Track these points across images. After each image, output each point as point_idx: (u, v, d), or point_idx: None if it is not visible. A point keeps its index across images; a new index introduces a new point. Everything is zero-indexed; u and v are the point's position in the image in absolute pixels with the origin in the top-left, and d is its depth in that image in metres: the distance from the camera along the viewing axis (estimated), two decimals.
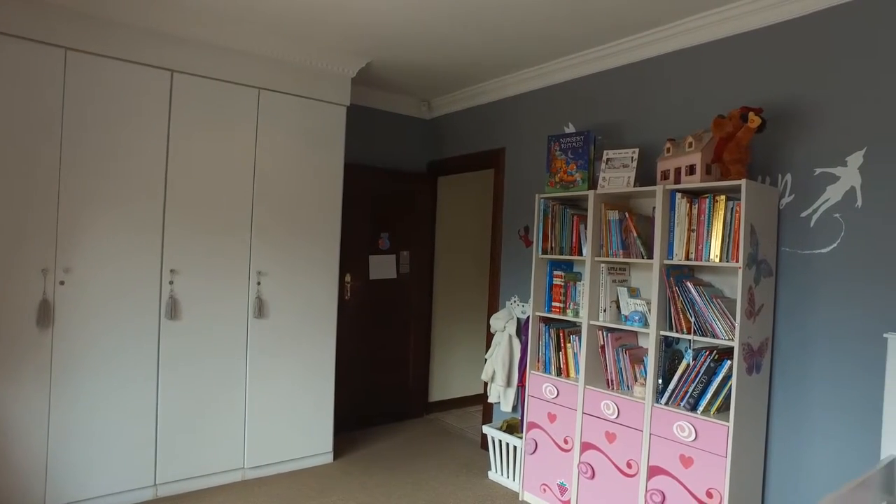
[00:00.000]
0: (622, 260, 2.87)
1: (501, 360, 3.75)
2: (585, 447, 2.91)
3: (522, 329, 3.72)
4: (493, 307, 4.07)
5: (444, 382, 5.05)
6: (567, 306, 3.14)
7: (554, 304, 3.19)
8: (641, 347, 2.94)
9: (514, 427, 3.66)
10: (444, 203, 4.94)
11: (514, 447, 3.42)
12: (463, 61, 3.63)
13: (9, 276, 2.66)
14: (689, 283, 2.52)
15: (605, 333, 2.91)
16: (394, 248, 4.60)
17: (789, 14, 2.51)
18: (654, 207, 2.69)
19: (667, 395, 2.57)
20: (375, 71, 3.86)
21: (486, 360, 3.93)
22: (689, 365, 2.51)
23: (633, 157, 2.88)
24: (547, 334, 3.20)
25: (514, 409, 3.79)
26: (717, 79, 2.80)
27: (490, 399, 3.91)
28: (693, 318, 2.50)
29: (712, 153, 2.48)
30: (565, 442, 3.02)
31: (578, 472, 2.93)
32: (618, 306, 2.94)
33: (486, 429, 3.67)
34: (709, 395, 2.44)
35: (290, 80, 3.44)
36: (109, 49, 2.86)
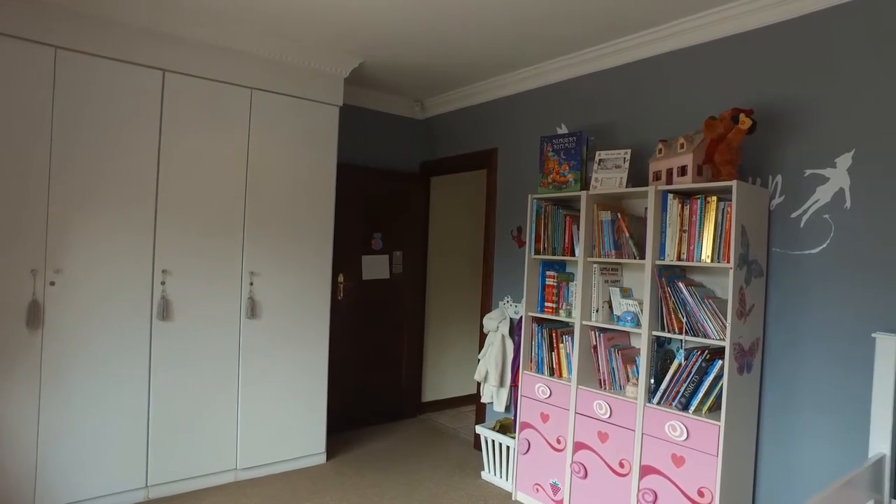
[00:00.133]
0: (614, 260, 2.88)
1: (494, 361, 3.75)
2: (578, 447, 2.92)
3: (515, 329, 3.72)
4: (486, 307, 4.08)
5: (437, 383, 5.05)
6: (560, 306, 3.15)
7: (546, 304, 3.20)
8: (633, 347, 2.95)
9: (507, 427, 3.67)
10: (437, 203, 4.94)
11: (507, 447, 3.43)
12: (456, 61, 3.63)
13: None
14: (680, 284, 2.54)
15: (597, 333, 2.92)
16: (387, 249, 4.59)
17: (780, 16, 2.53)
18: (646, 208, 2.71)
19: (659, 394, 2.59)
20: (368, 71, 3.85)
21: (479, 360, 3.94)
22: (680, 365, 2.53)
23: (625, 158, 2.89)
24: (540, 334, 3.21)
25: (507, 409, 3.80)
26: (709, 80, 2.82)
27: (483, 399, 3.92)
28: (685, 319, 2.51)
29: (704, 154, 2.50)
30: (558, 442, 3.03)
31: (571, 471, 2.94)
32: (610, 306, 2.95)
33: (479, 429, 3.68)
34: (700, 394, 2.45)
35: (282, 79, 3.43)
36: (100, 48, 2.84)
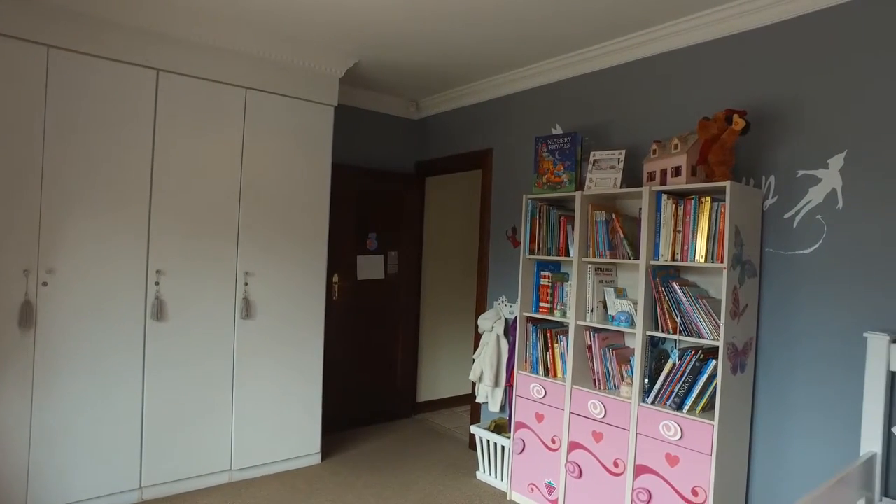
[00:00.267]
0: (609, 261, 2.89)
1: (489, 361, 3.76)
2: (573, 447, 2.93)
3: (510, 329, 3.73)
4: (481, 307, 4.08)
5: (432, 383, 5.05)
6: (554, 307, 3.16)
7: (541, 304, 3.20)
8: (628, 347, 2.96)
9: (501, 427, 3.67)
10: (432, 203, 4.94)
11: (502, 447, 3.43)
12: (451, 62, 3.63)
13: None
14: (674, 284, 2.55)
15: (592, 333, 2.93)
16: (382, 249, 4.59)
17: (775, 18, 2.54)
18: (640, 208, 2.72)
19: (653, 394, 2.60)
20: (363, 71, 3.85)
21: (473, 360, 3.94)
22: (674, 365, 2.54)
23: (619, 159, 2.90)
24: (534, 334, 3.21)
25: (502, 409, 3.80)
26: (703, 81, 2.83)
27: (478, 399, 3.92)
28: (679, 319, 2.52)
29: (698, 155, 2.51)
30: (553, 441, 3.04)
31: (566, 471, 2.95)
32: (605, 307, 2.96)
33: (474, 429, 3.68)
34: (694, 394, 2.46)
35: (277, 79, 3.42)
36: (93, 47, 2.82)
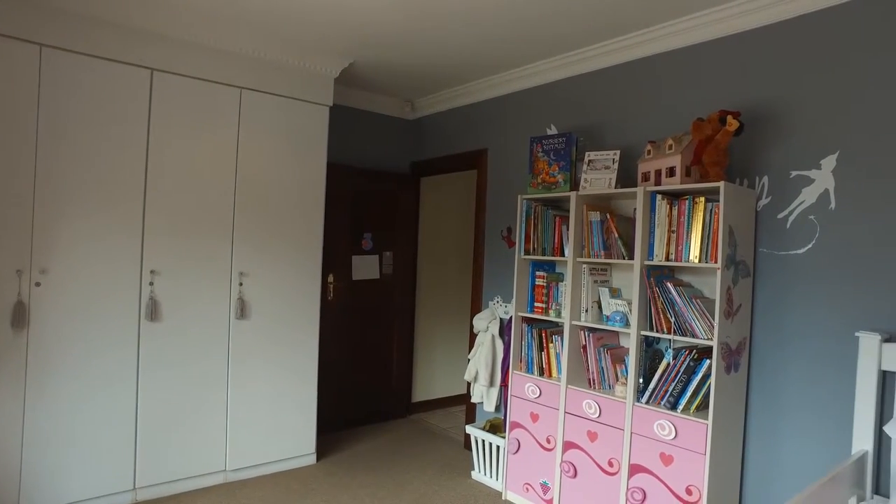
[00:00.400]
0: (604, 261, 2.90)
1: (484, 361, 3.76)
2: (568, 446, 2.93)
3: (505, 329, 3.73)
4: (476, 307, 4.09)
5: (427, 383, 5.05)
6: (549, 307, 3.16)
7: (536, 304, 3.21)
8: (623, 347, 2.97)
9: (497, 427, 3.68)
10: (426, 204, 4.94)
11: (497, 447, 3.44)
12: (446, 62, 3.64)
13: None
14: (669, 284, 2.56)
15: (586, 333, 2.94)
16: (377, 249, 4.59)
17: (768, 19, 2.56)
18: (634, 209, 2.73)
19: (647, 394, 2.61)
20: (358, 71, 3.85)
21: (469, 360, 3.94)
22: (669, 364, 2.55)
23: (614, 159, 2.91)
24: (529, 334, 3.22)
25: (497, 408, 3.81)
26: (697, 82, 2.84)
27: (473, 399, 3.92)
28: (673, 318, 2.53)
29: (692, 155, 2.52)
30: (548, 441, 3.04)
31: (561, 471, 2.95)
32: (599, 306, 2.97)
33: (469, 429, 3.69)
34: (688, 393, 2.48)
35: (272, 79, 3.42)
36: (86, 46, 2.81)
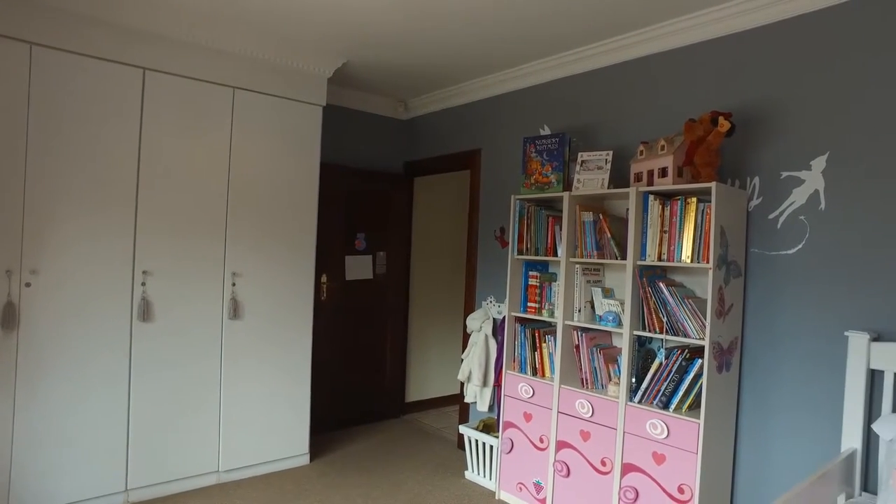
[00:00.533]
0: (596, 261, 2.91)
1: (478, 360, 3.77)
2: (561, 446, 2.94)
3: (498, 329, 3.74)
4: (470, 307, 4.09)
5: (420, 383, 5.06)
6: (542, 307, 3.17)
7: (529, 304, 3.22)
8: (615, 347, 2.99)
9: (490, 427, 3.68)
10: (420, 204, 4.95)
11: (491, 447, 3.44)
12: (440, 62, 3.64)
13: None
14: (661, 284, 2.57)
15: (579, 333, 2.95)
16: (370, 249, 4.58)
17: (761, 21, 2.57)
18: (627, 209, 2.74)
19: (640, 393, 2.62)
20: (352, 71, 3.84)
21: (462, 360, 3.95)
22: (661, 364, 2.56)
23: (606, 160, 2.92)
24: (523, 334, 3.23)
25: (491, 408, 3.82)
26: (689, 83, 2.86)
27: (466, 399, 3.93)
28: (665, 318, 2.55)
29: (684, 156, 2.54)
30: (541, 441, 3.05)
31: (554, 470, 2.96)
32: (592, 306, 2.98)
33: (462, 429, 3.69)
34: (680, 393, 2.49)
35: (265, 79, 3.41)
36: (78, 45, 2.79)
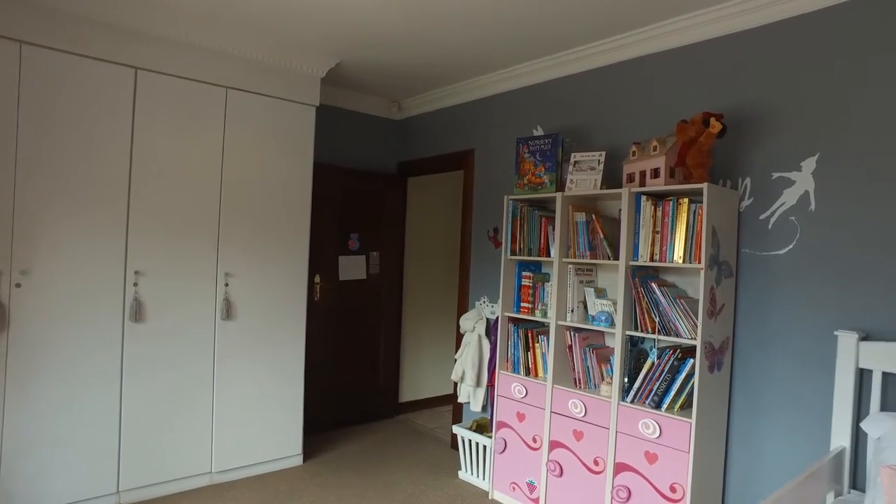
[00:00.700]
0: (589, 261, 2.92)
1: (471, 361, 3.77)
2: (554, 445, 2.95)
3: (492, 329, 3.75)
4: (463, 308, 4.10)
5: (414, 383, 5.06)
6: (535, 307, 3.18)
7: (522, 304, 3.22)
8: (608, 347, 3.00)
9: (483, 427, 3.69)
10: (413, 204, 4.94)
11: (484, 446, 3.45)
12: (433, 62, 3.64)
13: None
14: (653, 284, 2.59)
15: (572, 333, 2.96)
16: (364, 249, 4.58)
17: (753, 23, 2.59)
18: (620, 210, 2.75)
19: (632, 393, 2.63)
20: (345, 71, 3.84)
21: (455, 360, 3.95)
22: (653, 364, 2.58)
23: (599, 160, 2.94)
24: (516, 334, 3.24)
25: (484, 408, 3.82)
26: (681, 84, 2.87)
27: (460, 399, 3.93)
28: (657, 318, 2.56)
29: (676, 157, 2.55)
30: (534, 441, 3.06)
31: (547, 470, 2.97)
32: (585, 307, 2.99)
33: (456, 429, 3.69)
34: (672, 392, 2.50)
35: (258, 79, 3.40)
36: (68, 44, 2.77)
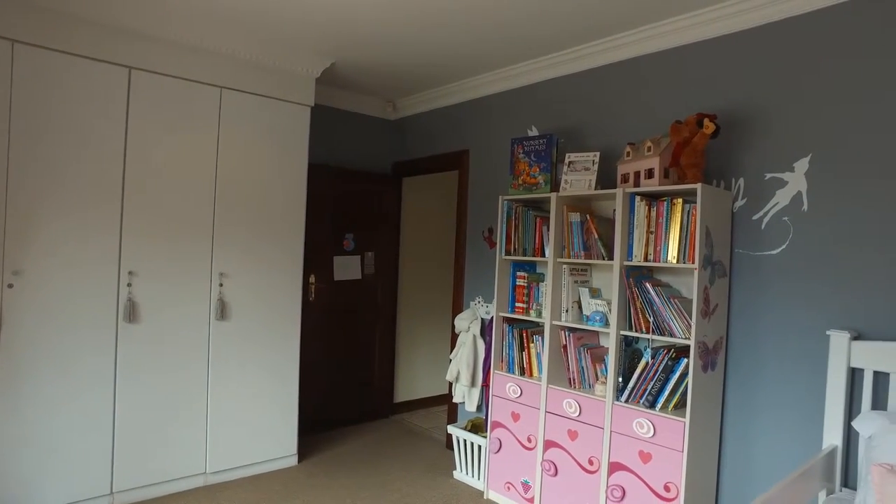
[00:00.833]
0: (584, 261, 2.93)
1: (466, 361, 3.78)
2: (548, 445, 2.96)
3: (486, 329, 3.75)
4: (458, 308, 4.10)
5: (409, 383, 5.06)
6: (530, 307, 3.19)
7: (517, 304, 3.23)
8: (602, 347, 3.01)
9: (478, 426, 3.69)
10: (408, 204, 4.95)
11: (479, 446, 3.46)
12: (428, 63, 3.64)
13: None
14: (647, 284, 2.60)
15: (567, 333, 2.97)
16: (359, 249, 4.58)
17: (745, 24, 2.60)
18: (614, 210, 2.76)
19: (627, 392, 2.64)
20: (340, 71, 3.84)
21: (450, 360, 3.96)
22: (647, 363, 2.59)
23: (594, 161, 2.94)
24: (510, 334, 3.24)
25: (479, 408, 3.83)
26: (677, 84, 2.89)
27: (455, 399, 3.94)
28: (652, 318, 2.57)
29: (670, 157, 2.56)
30: (529, 440, 3.07)
31: (542, 469, 2.98)
32: (579, 307, 3.00)
33: (451, 429, 3.70)
34: (666, 392, 2.52)
35: (253, 79, 3.39)
36: (61, 43, 2.76)
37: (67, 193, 2.82)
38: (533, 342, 3.15)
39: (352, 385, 4.58)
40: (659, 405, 2.53)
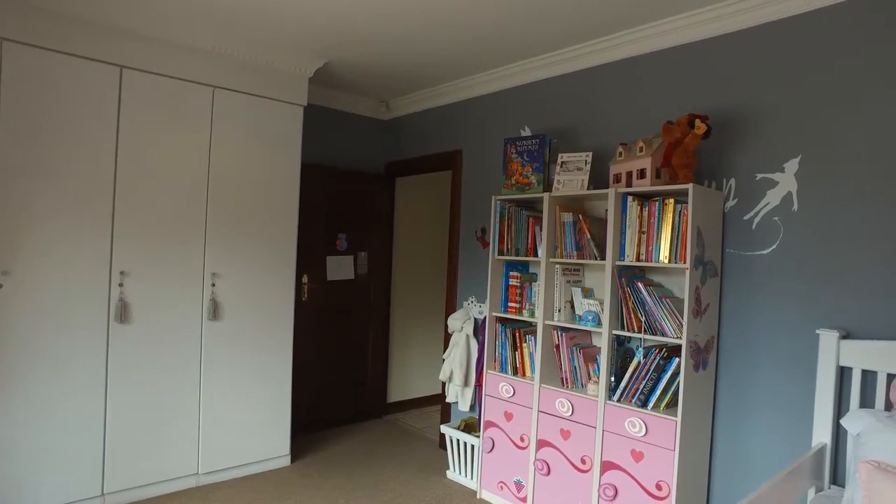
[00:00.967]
0: (576, 261, 2.94)
1: (459, 360, 3.78)
2: (541, 444, 2.97)
3: (479, 329, 3.76)
4: (451, 308, 4.11)
5: (402, 383, 5.06)
6: (523, 307, 3.20)
7: (510, 304, 3.24)
8: (595, 346, 3.02)
9: (471, 426, 3.70)
10: (402, 204, 4.95)
11: (472, 446, 3.46)
12: (422, 63, 3.64)
13: None
14: (640, 284, 2.61)
15: (559, 333, 2.98)
16: (352, 249, 4.57)
17: (738, 26, 2.62)
18: (606, 210, 2.78)
19: (619, 392, 2.66)
20: (333, 71, 3.83)
21: (443, 360, 3.96)
22: (639, 363, 2.60)
23: (586, 161, 2.96)
24: (503, 334, 3.25)
25: (472, 408, 3.83)
26: (669, 85, 2.90)
27: (448, 399, 3.94)
28: (644, 318, 2.59)
29: (662, 158, 2.58)
30: (521, 440, 3.08)
31: (534, 469, 2.99)
32: (572, 306, 3.01)
33: (444, 428, 3.70)
34: (658, 391, 2.53)
35: (246, 79, 3.38)
36: (51, 42, 2.74)
37: (58, 193, 2.80)
38: (526, 342, 3.16)
39: (345, 385, 4.57)
40: (651, 404, 2.54)
